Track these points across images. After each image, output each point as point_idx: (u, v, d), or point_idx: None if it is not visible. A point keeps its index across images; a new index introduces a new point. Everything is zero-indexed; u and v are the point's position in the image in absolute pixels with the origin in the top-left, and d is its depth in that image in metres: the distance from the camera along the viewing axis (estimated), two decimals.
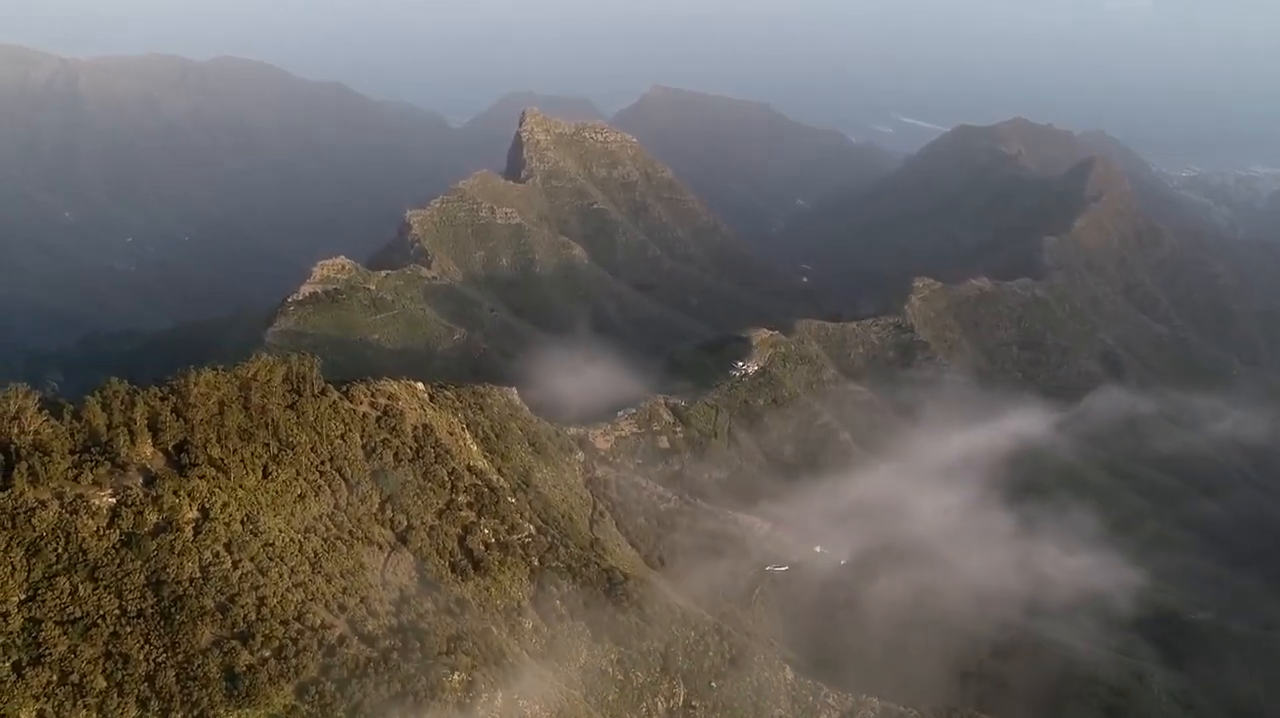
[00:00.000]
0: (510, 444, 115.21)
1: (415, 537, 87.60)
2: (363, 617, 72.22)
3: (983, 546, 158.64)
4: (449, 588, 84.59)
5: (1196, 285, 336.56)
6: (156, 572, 66.47)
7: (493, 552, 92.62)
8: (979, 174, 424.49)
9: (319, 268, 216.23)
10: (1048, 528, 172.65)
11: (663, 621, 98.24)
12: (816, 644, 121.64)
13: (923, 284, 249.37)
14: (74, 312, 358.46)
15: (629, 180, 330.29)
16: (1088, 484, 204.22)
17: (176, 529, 68.76)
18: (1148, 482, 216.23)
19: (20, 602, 62.50)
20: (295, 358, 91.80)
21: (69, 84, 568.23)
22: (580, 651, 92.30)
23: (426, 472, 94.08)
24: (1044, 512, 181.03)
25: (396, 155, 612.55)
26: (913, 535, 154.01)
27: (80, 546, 65.52)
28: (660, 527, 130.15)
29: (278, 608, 68.27)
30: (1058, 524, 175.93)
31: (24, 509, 65.26)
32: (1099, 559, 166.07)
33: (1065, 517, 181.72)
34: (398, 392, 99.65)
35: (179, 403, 76.76)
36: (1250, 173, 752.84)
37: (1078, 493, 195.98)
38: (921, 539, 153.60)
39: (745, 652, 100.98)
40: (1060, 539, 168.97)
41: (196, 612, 65.25)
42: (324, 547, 77.37)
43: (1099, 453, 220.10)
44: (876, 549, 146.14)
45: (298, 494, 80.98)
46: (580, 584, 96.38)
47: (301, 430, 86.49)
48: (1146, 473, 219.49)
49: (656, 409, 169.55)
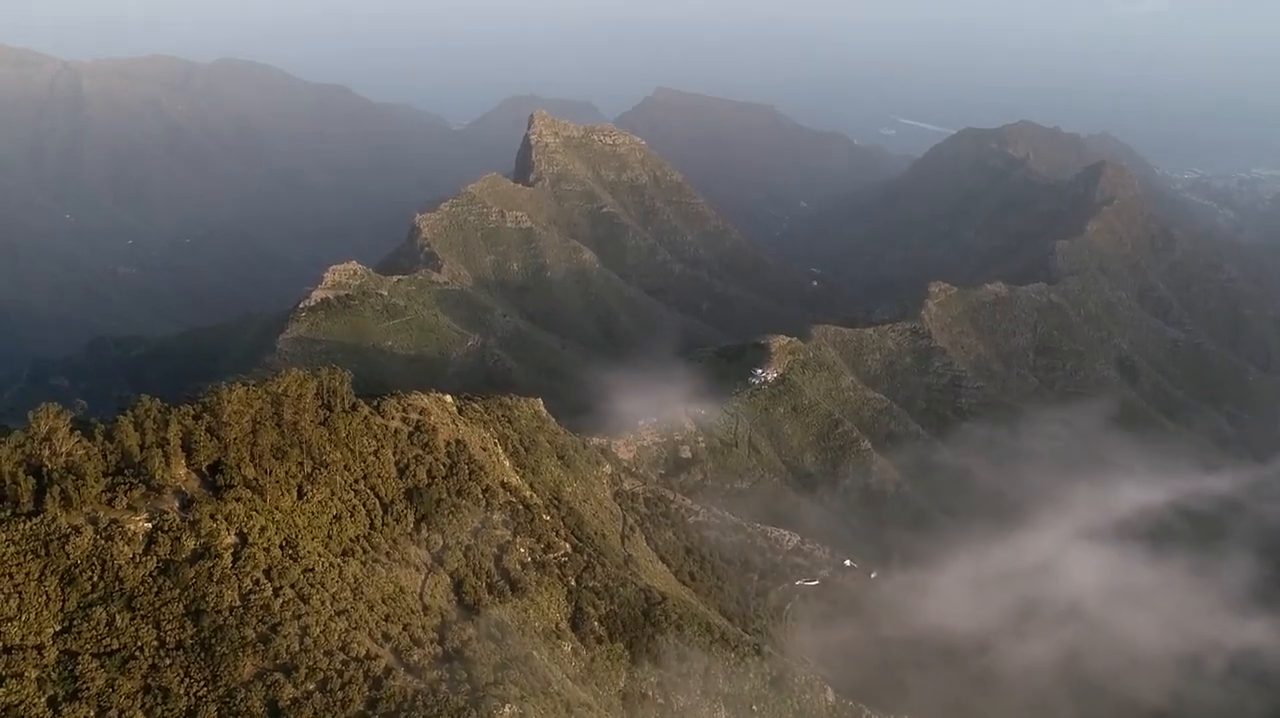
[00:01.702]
0: (540, 458, 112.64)
1: (451, 557, 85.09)
2: (407, 646, 69.55)
3: (1140, 603, 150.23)
4: (487, 611, 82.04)
5: (1209, 290, 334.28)
6: (195, 601, 63.80)
7: (529, 572, 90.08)
8: (988, 177, 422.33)
9: (330, 273, 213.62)
10: (1210, 583, 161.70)
11: (702, 641, 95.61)
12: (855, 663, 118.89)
13: (938, 289, 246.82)
14: (77, 316, 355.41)
15: (638, 183, 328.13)
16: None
17: (215, 556, 66.11)
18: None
19: (55, 633, 60.00)
20: (326, 372, 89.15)
21: (72, 87, 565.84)
22: (620, 674, 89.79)
23: (460, 489, 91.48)
24: (1202, 564, 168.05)
25: (399, 158, 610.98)
26: (1059, 594, 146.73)
27: (116, 574, 62.92)
28: (689, 540, 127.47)
29: (321, 638, 65.57)
30: (1221, 579, 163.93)
31: (57, 536, 62.69)
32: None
33: (1231, 571, 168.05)
34: (429, 406, 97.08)
35: (212, 421, 74.11)
36: (1253, 175, 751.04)
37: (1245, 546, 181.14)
38: (1069, 598, 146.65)
39: (786, 673, 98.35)
40: (1225, 596, 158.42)
41: (238, 643, 62.55)
42: (363, 571, 74.79)
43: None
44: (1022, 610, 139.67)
45: (333, 515, 78.46)
46: (618, 605, 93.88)
47: (334, 448, 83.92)
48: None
49: (678, 418, 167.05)
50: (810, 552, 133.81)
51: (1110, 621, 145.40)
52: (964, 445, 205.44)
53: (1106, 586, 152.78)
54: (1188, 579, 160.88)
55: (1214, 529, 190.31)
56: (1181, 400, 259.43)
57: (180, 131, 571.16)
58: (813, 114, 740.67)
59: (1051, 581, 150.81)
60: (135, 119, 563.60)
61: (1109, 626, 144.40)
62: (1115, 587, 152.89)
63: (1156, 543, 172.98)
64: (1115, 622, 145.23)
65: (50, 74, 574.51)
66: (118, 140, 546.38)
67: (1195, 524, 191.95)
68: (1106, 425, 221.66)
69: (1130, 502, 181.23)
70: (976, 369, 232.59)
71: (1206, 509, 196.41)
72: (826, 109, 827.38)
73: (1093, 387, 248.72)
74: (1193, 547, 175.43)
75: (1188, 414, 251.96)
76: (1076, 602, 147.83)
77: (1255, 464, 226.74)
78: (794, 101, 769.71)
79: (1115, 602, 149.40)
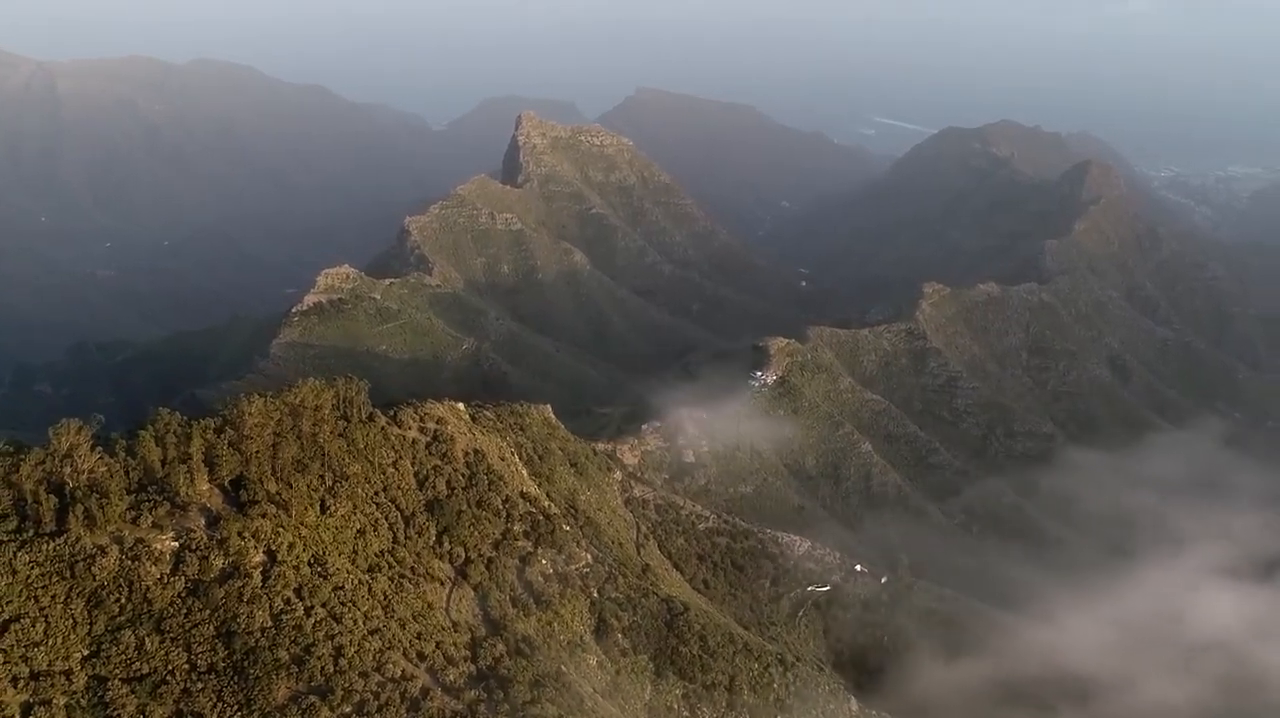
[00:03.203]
0: (553, 466, 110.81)
1: (475, 570, 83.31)
2: (442, 665, 67.85)
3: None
4: (513, 625, 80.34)
5: (1195, 289, 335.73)
6: (226, 622, 61.91)
7: (552, 584, 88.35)
8: (973, 177, 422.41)
9: (323, 277, 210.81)
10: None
11: (725, 652, 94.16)
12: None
13: (932, 289, 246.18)
14: (57, 319, 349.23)
15: (626, 184, 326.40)
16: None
17: (244, 575, 64.18)
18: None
19: (83, 658, 58.07)
20: (342, 381, 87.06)
21: (47, 88, 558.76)
22: (645, 687, 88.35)
23: (480, 500, 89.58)
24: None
25: (379, 158, 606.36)
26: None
27: (145, 595, 60.99)
28: (700, 547, 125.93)
29: (355, 659, 63.77)
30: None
31: (83, 556, 60.69)
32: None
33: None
34: (445, 415, 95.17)
35: (234, 435, 72.01)
36: (1228, 173, 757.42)
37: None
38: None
39: (810, 683, 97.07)
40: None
41: (271, 665, 60.72)
42: (391, 587, 72.97)
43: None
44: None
45: (357, 530, 76.62)
46: (641, 616, 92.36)
47: (353, 460, 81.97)
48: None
49: (680, 421, 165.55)
50: (821, 557, 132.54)
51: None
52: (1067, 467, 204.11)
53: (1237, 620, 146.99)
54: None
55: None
56: (1174, 400, 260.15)
57: (158, 132, 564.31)
58: (792, 113, 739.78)
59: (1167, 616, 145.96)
60: (112, 120, 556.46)
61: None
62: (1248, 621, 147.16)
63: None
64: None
65: (25, 75, 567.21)
66: (94, 141, 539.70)
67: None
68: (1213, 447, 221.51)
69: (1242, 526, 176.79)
70: (971, 369, 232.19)
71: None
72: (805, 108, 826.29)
73: (1086, 386, 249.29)
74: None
75: (1180, 414, 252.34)
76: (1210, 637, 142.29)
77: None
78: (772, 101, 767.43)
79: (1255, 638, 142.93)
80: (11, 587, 57.82)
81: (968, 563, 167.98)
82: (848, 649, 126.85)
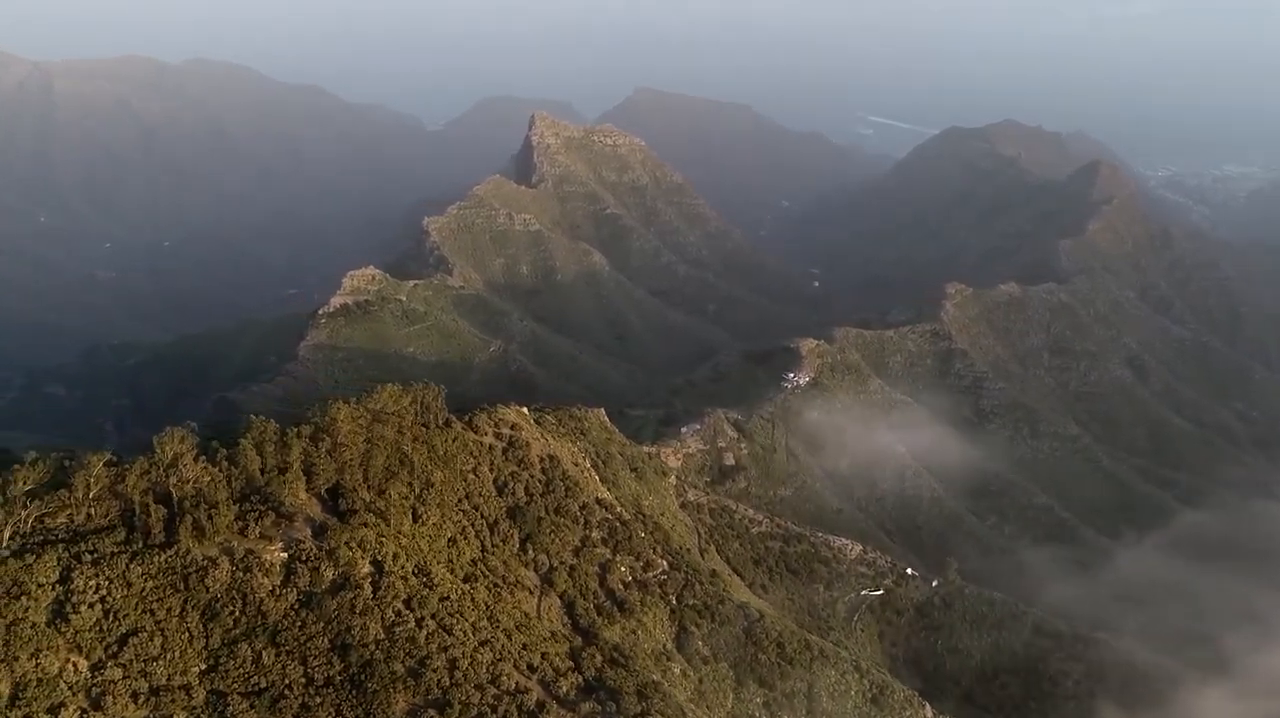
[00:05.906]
0: (617, 470, 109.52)
1: (559, 578, 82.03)
2: (552, 677, 66.38)
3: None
4: (602, 633, 78.97)
5: (1207, 288, 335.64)
6: (340, 634, 60.37)
7: (633, 591, 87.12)
8: (978, 177, 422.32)
9: (348, 278, 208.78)
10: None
11: (802, 658, 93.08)
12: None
13: (955, 289, 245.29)
14: (58, 321, 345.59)
15: (639, 184, 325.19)
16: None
17: (355, 586, 62.67)
18: None
19: (201, 672, 56.47)
20: (420, 387, 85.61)
21: (43, 88, 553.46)
22: (727, 695, 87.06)
23: (558, 507, 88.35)
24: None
25: (376, 158, 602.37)
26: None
27: (259, 607, 59.43)
28: (754, 551, 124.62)
29: (470, 671, 62.27)
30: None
31: (195, 568, 59.07)
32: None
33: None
34: (519, 420, 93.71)
35: (330, 443, 70.46)
36: (1224, 173, 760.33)
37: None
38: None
39: (885, 689, 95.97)
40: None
41: (388, 678, 59.16)
42: (490, 597, 71.53)
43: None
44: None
45: (449, 538, 75.14)
46: (719, 623, 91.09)
47: (436, 467, 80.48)
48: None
49: (719, 424, 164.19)
50: (873, 561, 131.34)
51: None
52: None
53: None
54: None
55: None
56: (1192, 399, 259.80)
57: (154, 132, 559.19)
58: (789, 114, 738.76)
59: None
60: (108, 120, 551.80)
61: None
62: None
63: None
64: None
65: (20, 75, 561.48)
66: (90, 141, 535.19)
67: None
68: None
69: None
70: (996, 370, 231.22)
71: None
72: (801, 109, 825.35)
73: (1107, 387, 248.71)
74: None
75: (1199, 414, 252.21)
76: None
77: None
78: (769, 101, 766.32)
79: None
80: (127, 599, 56.26)
81: (1004, 565, 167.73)
82: (902, 653, 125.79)
